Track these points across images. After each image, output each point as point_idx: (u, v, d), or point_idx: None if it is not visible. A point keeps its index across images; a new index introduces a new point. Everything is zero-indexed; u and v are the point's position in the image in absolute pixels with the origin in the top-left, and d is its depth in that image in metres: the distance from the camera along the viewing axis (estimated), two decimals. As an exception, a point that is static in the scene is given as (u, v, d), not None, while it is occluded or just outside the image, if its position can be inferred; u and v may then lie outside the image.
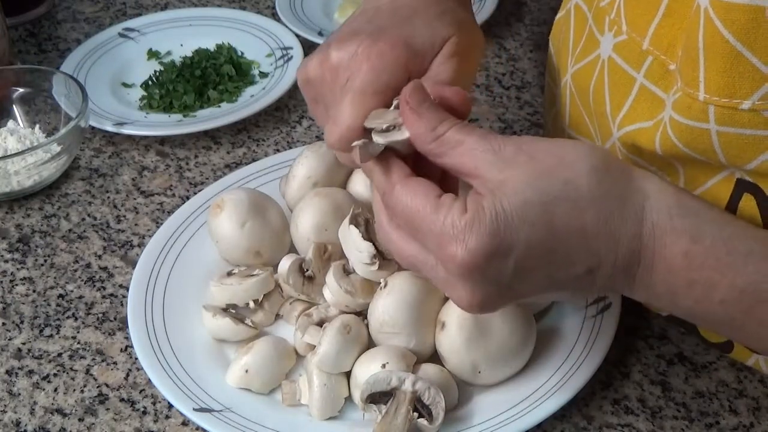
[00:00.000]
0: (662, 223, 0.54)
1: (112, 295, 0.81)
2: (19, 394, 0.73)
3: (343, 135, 0.61)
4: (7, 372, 0.75)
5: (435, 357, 0.71)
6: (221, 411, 0.68)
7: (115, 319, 0.79)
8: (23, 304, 0.81)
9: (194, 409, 0.68)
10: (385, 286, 0.70)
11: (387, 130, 0.58)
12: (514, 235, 0.53)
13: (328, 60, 0.65)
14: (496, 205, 0.53)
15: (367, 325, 0.71)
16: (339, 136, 0.61)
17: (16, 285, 0.83)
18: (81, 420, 0.71)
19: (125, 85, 1.06)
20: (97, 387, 0.73)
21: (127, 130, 0.97)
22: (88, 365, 0.75)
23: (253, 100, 1.01)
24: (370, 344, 0.71)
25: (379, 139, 0.58)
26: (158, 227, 0.84)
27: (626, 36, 0.65)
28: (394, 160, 0.58)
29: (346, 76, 0.63)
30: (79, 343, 0.77)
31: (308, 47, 1.09)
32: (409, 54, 0.63)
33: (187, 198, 0.89)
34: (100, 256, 0.85)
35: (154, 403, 0.72)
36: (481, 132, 0.56)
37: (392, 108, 0.60)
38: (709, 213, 0.56)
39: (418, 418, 0.65)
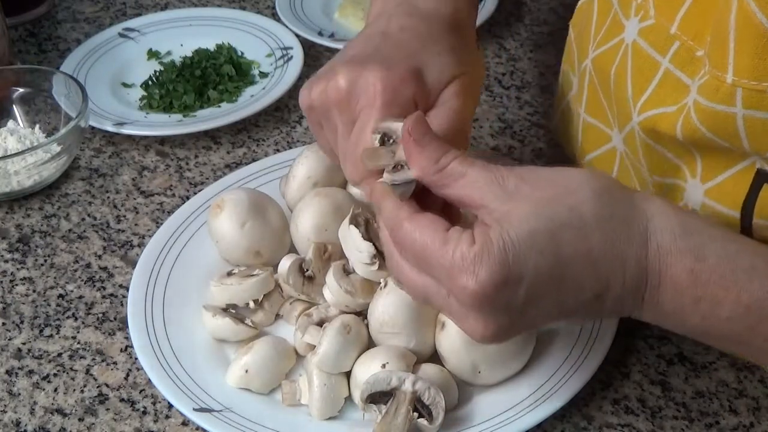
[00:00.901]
0: (666, 243, 0.55)
1: (112, 295, 0.81)
2: (19, 394, 0.73)
3: (357, 173, 0.63)
4: (7, 372, 0.75)
5: (435, 357, 0.71)
6: (221, 411, 0.68)
7: (115, 319, 0.79)
8: (23, 304, 0.81)
9: (194, 409, 0.68)
10: (385, 286, 0.70)
11: (395, 168, 0.59)
12: (523, 264, 0.53)
13: (336, 86, 0.65)
14: (503, 235, 0.53)
15: (367, 325, 0.71)
16: (362, 174, 0.63)
17: (16, 285, 0.83)
18: (81, 420, 0.71)
19: (125, 85, 1.06)
20: (97, 387, 0.73)
21: (127, 130, 0.97)
22: (88, 365, 0.75)
23: (253, 100, 1.01)
24: (370, 344, 0.71)
25: (394, 178, 0.58)
26: (158, 227, 0.84)
27: (653, 21, 0.65)
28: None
29: (358, 106, 0.64)
30: (79, 343, 0.77)
31: (308, 47, 1.09)
32: (418, 88, 0.64)
33: (187, 198, 0.89)
34: (100, 256, 0.85)
35: (154, 403, 0.72)
36: (483, 163, 0.56)
37: (384, 144, 0.61)
38: (711, 232, 0.56)
39: (418, 418, 0.65)
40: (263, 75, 1.06)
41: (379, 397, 0.66)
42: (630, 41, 0.67)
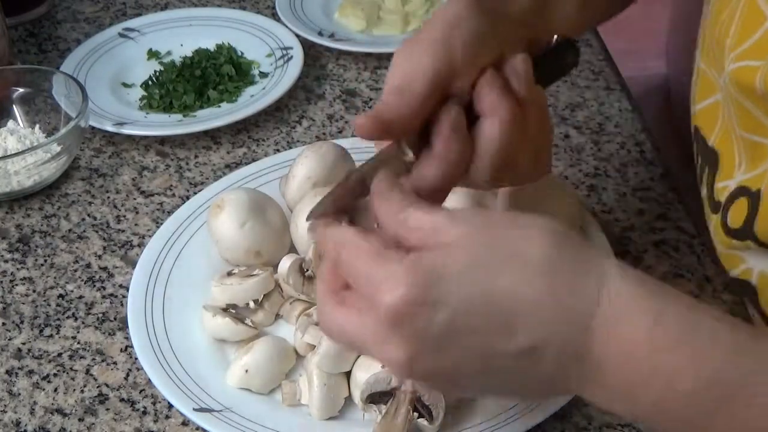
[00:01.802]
0: (623, 304, 0.50)
1: (112, 295, 0.81)
2: (19, 394, 0.73)
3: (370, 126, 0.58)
4: (7, 372, 0.75)
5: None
6: (221, 411, 0.68)
7: (115, 319, 0.79)
8: (23, 304, 0.81)
9: (194, 409, 0.68)
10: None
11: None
12: (447, 290, 0.49)
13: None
14: (437, 259, 0.50)
15: (367, 325, 0.71)
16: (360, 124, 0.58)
17: (16, 285, 0.83)
18: (81, 420, 0.71)
19: (125, 85, 1.06)
20: (97, 387, 0.73)
21: (127, 130, 0.97)
22: (88, 365, 0.75)
23: (253, 100, 1.01)
24: (370, 344, 0.71)
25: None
26: (158, 227, 0.84)
27: None
28: (341, 223, 0.56)
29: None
30: (79, 343, 0.77)
31: (308, 47, 1.09)
32: (444, 62, 0.59)
33: (187, 198, 0.89)
34: (100, 256, 0.85)
35: (154, 403, 0.72)
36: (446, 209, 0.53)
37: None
38: (673, 296, 0.51)
39: (418, 418, 0.65)
40: (263, 75, 1.06)
41: (379, 397, 0.66)
42: None
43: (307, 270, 0.75)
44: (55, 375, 0.75)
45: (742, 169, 0.65)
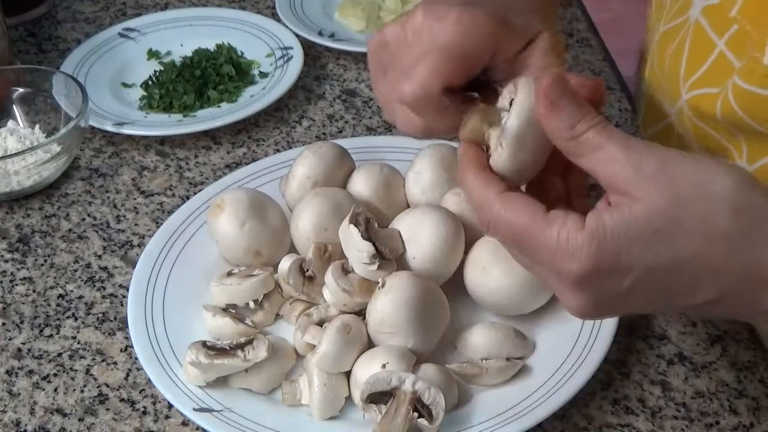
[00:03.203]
0: None
1: (112, 295, 0.81)
2: (19, 394, 0.73)
3: (415, 91, 0.57)
4: (7, 372, 0.75)
5: (435, 357, 0.71)
6: (221, 411, 0.68)
7: (115, 319, 0.79)
8: (23, 304, 0.81)
9: (194, 409, 0.68)
10: (384, 285, 0.70)
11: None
12: (635, 260, 0.51)
13: (412, 22, 0.61)
14: (622, 226, 0.51)
15: (366, 325, 0.71)
16: (411, 90, 0.57)
17: (16, 285, 0.83)
18: (81, 420, 0.71)
19: (125, 85, 1.06)
20: (97, 387, 0.73)
21: (127, 130, 0.97)
22: (88, 365, 0.75)
23: (253, 100, 1.01)
24: (371, 344, 0.71)
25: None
26: (158, 227, 0.84)
27: (718, 1, 0.63)
28: (488, 173, 0.55)
29: (430, 39, 0.59)
30: (79, 343, 0.77)
31: (308, 47, 1.09)
32: (502, 29, 0.60)
33: (187, 198, 0.89)
34: (100, 256, 0.85)
35: (154, 403, 0.72)
36: (622, 138, 0.52)
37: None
38: None
39: (418, 418, 0.65)
40: (263, 75, 1.06)
41: (379, 397, 0.66)
42: (693, 20, 0.66)
43: (307, 270, 0.75)
44: (55, 375, 0.75)
45: None
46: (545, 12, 0.66)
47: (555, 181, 0.58)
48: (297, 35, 1.10)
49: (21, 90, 0.98)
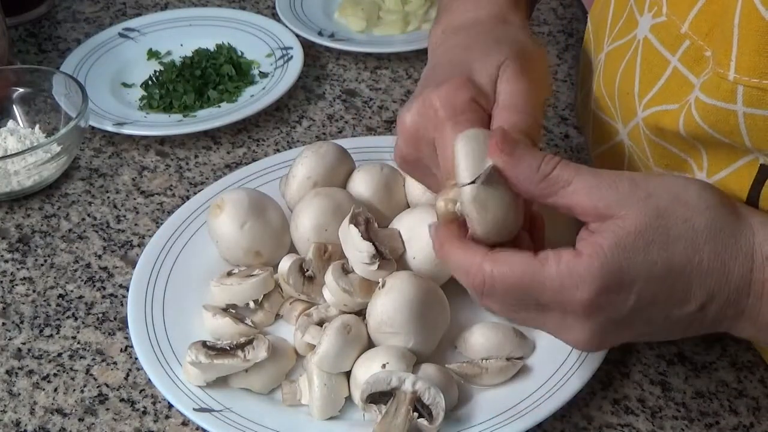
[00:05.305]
0: None
1: (112, 295, 0.81)
2: (19, 394, 0.73)
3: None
4: (7, 372, 0.75)
5: (435, 357, 0.71)
6: (221, 411, 0.68)
7: (115, 319, 0.79)
8: (23, 304, 0.81)
9: (194, 409, 0.68)
10: (384, 285, 0.70)
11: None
12: (636, 271, 0.54)
13: (404, 127, 0.66)
14: (618, 242, 0.53)
15: (366, 325, 0.71)
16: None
17: (16, 285, 0.83)
18: (81, 420, 0.71)
19: (125, 85, 1.06)
20: (97, 387, 0.73)
21: (127, 130, 0.97)
22: (88, 365, 0.75)
23: (253, 100, 1.01)
24: (371, 344, 0.71)
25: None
26: (158, 227, 0.84)
27: (666, 18, 0.65)
28: (469, 241, 0.57)
29: (429, 131, 0.64)
30: (79, 343, 0.77)
31: (308, 47, 1.09)
32: (474, 91, 0.65)
33: (187, 198, 0.89)
34: (100, 256, 0.85)
35: (154, 403, 0.72)
36: (588, 168, 0.56)
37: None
38: None
39: (418, 418, 0.65)
40: (263, 75, 1.06)
41: (379, 397, 0.66)
42: (642, 38, 0.67)
43: (307, 270, 0.75)
44: (55, 375, 0.75)
45: None
46: (506, 31, 0.71)
47: (522, 235, 0.60)
48: (297, 35, 1.10)
49: (21, 90, 0.98)
